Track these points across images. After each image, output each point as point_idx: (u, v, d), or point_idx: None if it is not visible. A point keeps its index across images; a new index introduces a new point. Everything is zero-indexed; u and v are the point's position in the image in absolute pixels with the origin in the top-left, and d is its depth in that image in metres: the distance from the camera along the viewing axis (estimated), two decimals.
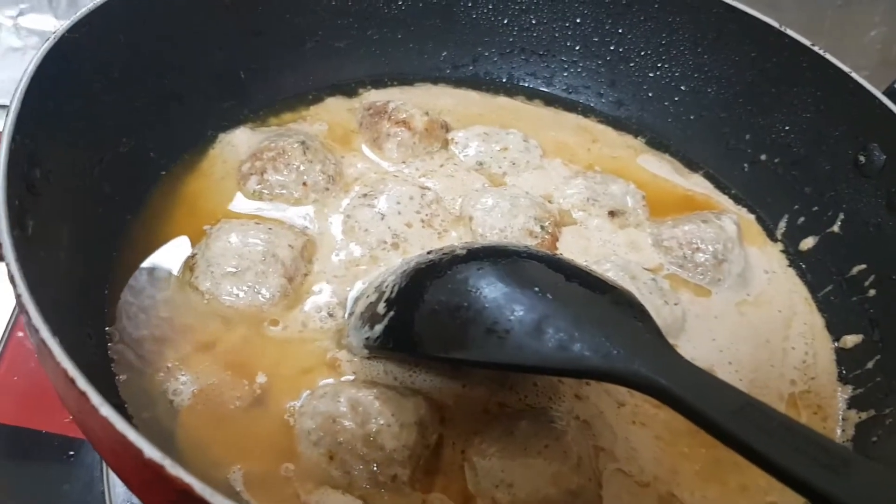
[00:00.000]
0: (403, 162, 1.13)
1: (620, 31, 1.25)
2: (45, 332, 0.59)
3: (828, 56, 1.07)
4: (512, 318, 0.74)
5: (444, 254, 0.86)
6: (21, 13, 1.64)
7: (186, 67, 1.05)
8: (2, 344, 1.15)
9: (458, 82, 1.30)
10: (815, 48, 1.08)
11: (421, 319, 0.80)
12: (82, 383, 0.56)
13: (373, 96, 1.24)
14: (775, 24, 1.12)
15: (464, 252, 0.84)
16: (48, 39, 0.83)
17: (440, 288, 0.81)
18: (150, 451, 0.53)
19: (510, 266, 0.81)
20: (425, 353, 0.79)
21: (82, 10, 0.87)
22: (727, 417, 0.63)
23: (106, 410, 0.55)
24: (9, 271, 0.63)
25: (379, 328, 0.83)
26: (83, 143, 0.89)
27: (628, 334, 0.73)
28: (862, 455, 0.89)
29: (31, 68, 0.80)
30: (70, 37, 0.85)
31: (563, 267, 0.83)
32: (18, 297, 0.61)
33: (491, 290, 0.77)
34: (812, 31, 1.13)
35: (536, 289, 0.76)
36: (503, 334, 0.73)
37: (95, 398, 0.56)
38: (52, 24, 1.65)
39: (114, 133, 0.96)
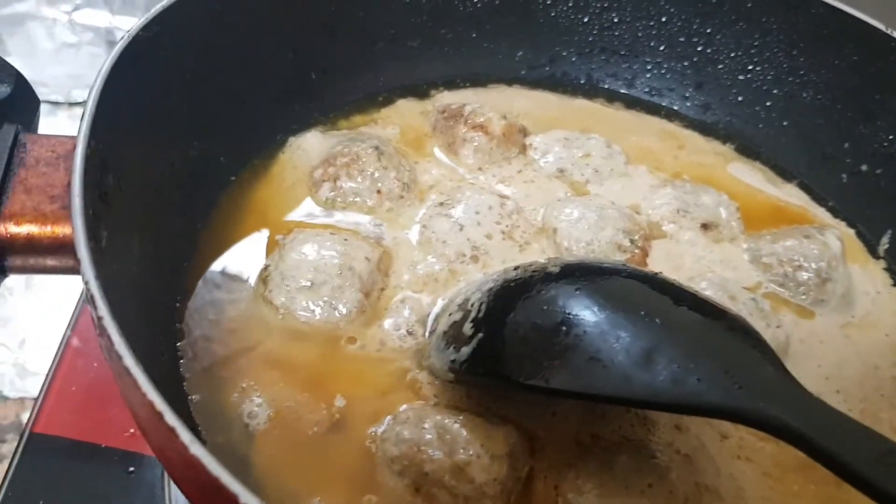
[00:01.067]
0: (480, 168, 1.07)
1: (709, 30, 1.18)
2: (129, 360, 0.55)
3: None
4: (617, 345, 0.68)
5: (533, 271, 0.80)
6: (76, 8, 1.62)
7: (258, 68, 1.01)
8: (59, 353, 1.12)
9: (534, 83, 1.24)
10: None
11: (513, 343, 0.74)
12: (170, 418, 0.52)
13: (446, 98, 1.18)
14: (881, 26, 1.04)
15: (556, 269, 0.78)
16: (122, 38, 0.79)
17: (533, 309, 0.75)
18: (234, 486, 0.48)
19: (610, 286, 0.75)
20: (520, 382, 0.73)
21: (156, 8, 0.83)
22: (868, 465, 0.57)
23: (196, 449, 0.50)
24: (87, 290, 0.59)
25: (466, 351, 0.77)
26: (155, 147, 0.85)
27: (749, 367, 0.66)
28: None
29: (106, 68, 0.75)
30: (144, 35, 0.81)
31: (669, 288, 0.76)
32: (100, 319, 0.57)
33: (591, 313, 0.71)
34: None
35: (643, 312, 0.70)
36: (608, 363, 0.67)
37: (184, 435, 0.51)
38: (107, 20, 1.63)
39: (185, 136, 0.92)
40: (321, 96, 1.11)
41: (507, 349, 0.74)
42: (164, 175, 0.87)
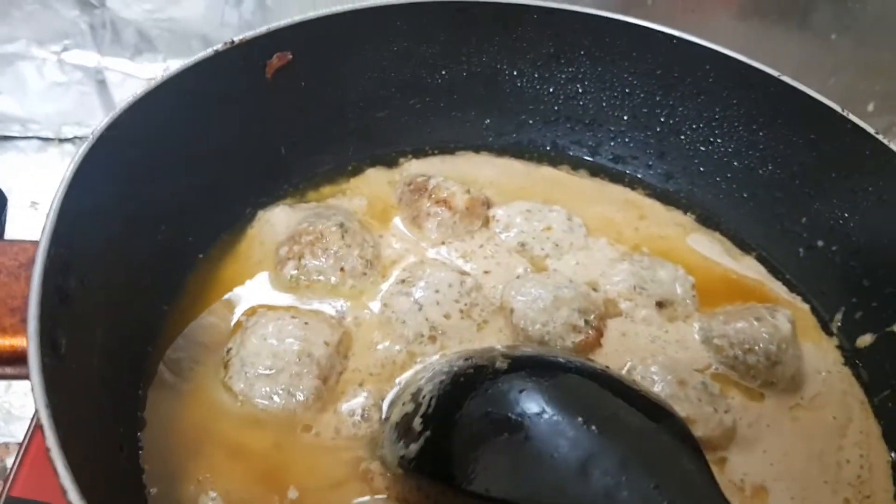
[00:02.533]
0: (443, 242, 1.10)
1: (671, 102, 1.21)
2: (74, 496, 0.57)
3: (893, 146, 1.01)
4: (556, 454, 0.71)
5: (484, 364, 0.83)
6: (65, 48, 1.65)
7: (227, 149, 1.04)
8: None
9: (501, 150, 1.27)
10: (880, 137, 1.02)
11: (458, 445, 0.77)
12: None
13: (414, 167, 1.21)
14: (837, 107, 1.06)
15: (505, 365, 0.81)
16: (86, 141, 0.81)
17: (479, 409, 0.78)
18: None
19: (555, 387, 0.77)
20: (461, 488, 0.76)
21: (120, 106, 0.86)
22: None
23: None
24: (37, 416, 0.61)
25: (414, 448, 0.80)
26: (121, 239, 0.88)
27: (681, 482, 0.69)
28: None
29: (69, 174, 0.78)
30: (108, 135, 0.84)
31: (614, 386, 0.79)
32: (48, 450, 0.60)
33: (533, 417, 0.74)
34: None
35: (581, 419, 0.72)
36: (545, 473, 0.70)
37: None
38: (96, 60, 1.66)
39: (153, 222, 0.95)
40: (290, 169, 1.13)
41: (453, 451, 0.77)
42: (130, 264, 0.90)
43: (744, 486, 0.90)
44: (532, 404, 0.75)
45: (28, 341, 0.65)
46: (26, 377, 0.69)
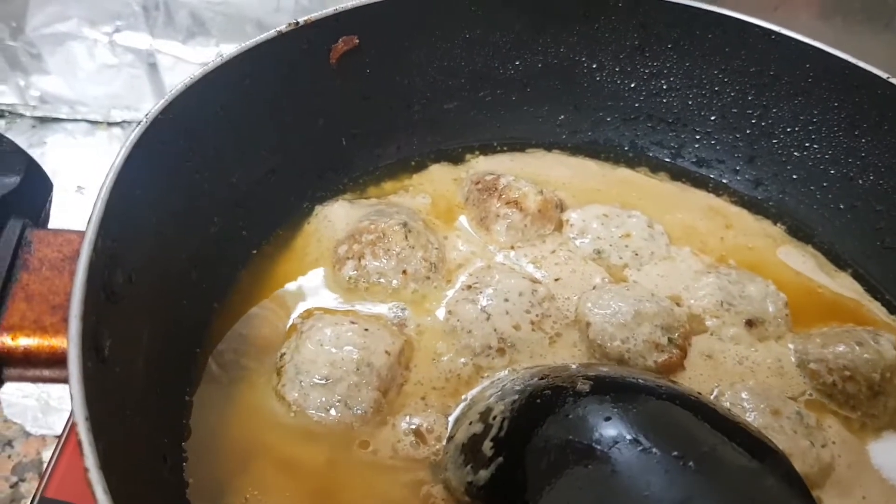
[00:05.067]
0: (512, 247, 1.02)
1: (765, 103, 1.11)
2: None
3: None
4: (648, 493, 0.62)
5: (562, 385, 0.75)
6: (117, 30, 1.61)
7: (286, 139, 0.97)
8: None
9: (576, 149, 1.19)
10: None
11: (534, 474, 0.69)
12: None
13: (481, 164, 1.13)
14: None
15: (587, 387, 0.73)
16: (139, 125, 0.75)
17: (558, 435, 0.70)
18: None
19: (645, 415, 0.69)
20: None
21: (176, 89, 0.79)
22: None
23: None
24: (76, 431, 0.55)
25: (484, 475, 0.72)
26: (172, 232, 0.82)
27: None
28: None
29: (119, 160, 0.71)
30: (162, 119, 0.77)
31: (710, 416, 0.70)
32: (86, 470, 0.53)
33: (622, 448, 0.65)
34: None
35: (677, 453, 0.64)
36: None
37: None
38: (148, 42, 1.61)
39: (206, 214, 0.89)
40: (351, 162, 1.07)
41: (528, 481, 0.69)
42: (180, 259, 0.84)
43: None
44: (619, 434, 0.67)
45: (69, 343, 0.59)
46: (65, 381, 0.63)
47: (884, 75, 1.01)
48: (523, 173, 1.09)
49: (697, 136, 1.17)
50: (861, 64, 1.02)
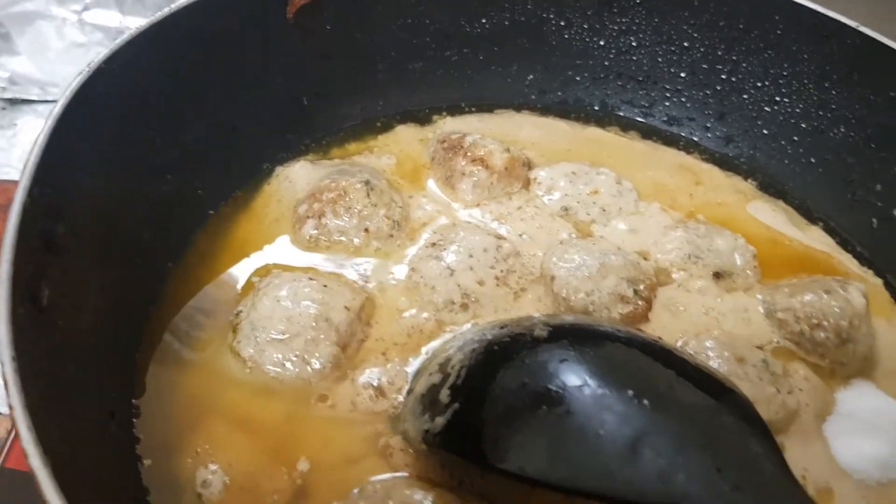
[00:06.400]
0: (478, 204, 1.00)
1: (735, 58, 1.10)
2: (37, 461, 0.49)
3: None
4: (602, 431, 0.61)
5: (521, 332, 0.73)
6: (86, 8, 1.58)
7: (243, 95, 0.95)
8: None
9: (545, 110, 1.17)
10: None
11: (490, 419, 0.67)
12: None
13: (448, 125, 1.12)
14: None
15: (544, 333, 0.71)
16: (80, 73, 0.73)
17: (515, 379, 0.68)
18: None
19: (601, 357, 0.68)
20: (491, 465, 0.66)
21: (122, 38, 0.78)
22: None
23: None
24: (4, 379, 0.53)
25: (440, 421, 0.71)
26: (119, 187, 0.80)
27: (748, 466, 0.59)
28: None
29: (58, 108, 0.70)
30: (106, 68, 0.75)
31: (666, 357, 0.69)
32: (11, 409, 0.51)
33: (577, 390, 0.64)
34: None
35: (631, 392, 0.63)
36: (588, 452, 0.61)
37: None
38: (117, 20, 1.58)
39: (158, 170, 0.87)
40: (313, 122, 1.05)
41: (484, 426, 0.67)
42: (131, 213, 0.82)
43: (806, 485, 0.79)
44: (575, 376, 0.65)
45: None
46: None
47: (853, 24, 0.99)
48: (491, 133, 1.07)
49: (667, 94, 1.15)
50: (831, 13, 1.01)
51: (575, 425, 0.62)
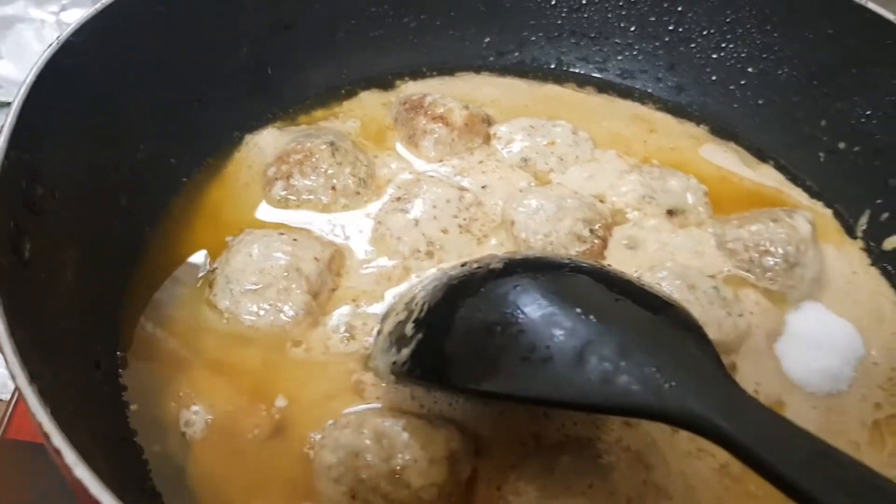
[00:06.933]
0: (441, 160, 1.05)
1: (680, 8, 1.14)
2: (23, 382, 0.54)
3: None
4: (551, 344, 0.65)
5: (478, 267, 0.78)
6: (63, 9, 1.62)
7: (209, 65, 0.99)
8: None
9: (503, 70, 1.21)
10: None
11: (451, 344, 0.72)
12: (57, 440, 0.51)
13: (410, 89, 1.16)
14: None
15: (500, 265, 0.76)
16: (50, 45, 0.77)
17: (473, 308, 0.73)
18: None
19: (551, 282, 0.72)
20: (453, 385, 0.71)
21: (89, 11, 0.82)
22: (794, 469, 0.54)
23: (80, 472, 0.49)
24: None
25: (406, 352, 0.75)
26: (95, 152, 0.84)
27: (684, 365, 0.64)
28: None
29: (32, 75, 0.74)
30: (75, 41, 0.79)
31: (612, 281, 0.74)
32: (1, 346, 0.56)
33: (528, 311, 0.69)
34: None
35: (579, 310, 0.67)
36: (539, 364, 0.65)
37: (69, 457, 0.50)
38: None
39: (131, 139, 0.91)
40: (280, 91, 1.09)
41: (445, 351, 0.72)
42: (107, 180, 0.86)
43: (758, 398, 0.84)
44: (526, 299, 0.70)
45: None
46: None
47: None
48: (452, 94, 1.11)
49: (619, 49, 1.20)
50: None
51: (526, 342, 0.67)
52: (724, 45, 1.13)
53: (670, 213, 1.00)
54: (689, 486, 0.76)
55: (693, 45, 1.16)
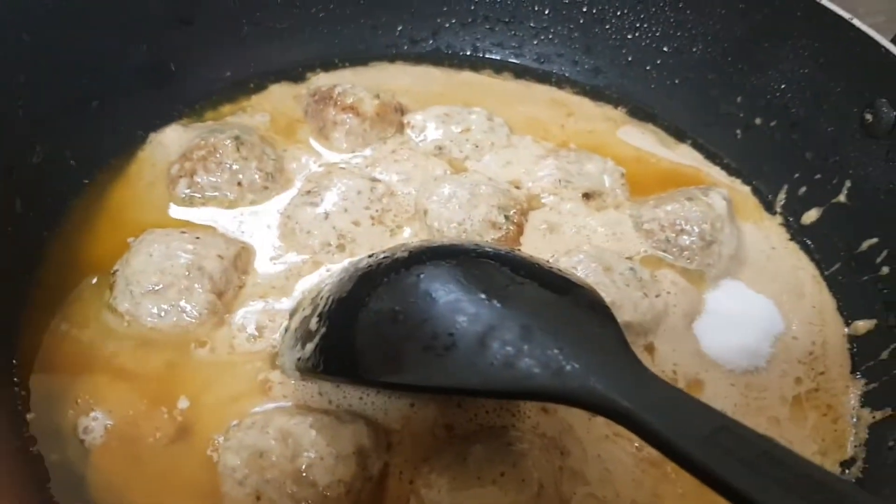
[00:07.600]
0: (353, 152, 1.02)
1: None
2: None
3: (824, 1, 0.94)
4: (454, 331, 0.64)
5: (385, 256, 0.75)
6: None
7: (106, 63, 0.95)
8: None
9: (418, 59, 1.19)
10: None
11: (356, 336, 0.70)
12: None
13: (322, 80, 1.13)
14: None
15: (405, 254, 0.73)
16: None
17: (377, 298, 0.71)
18: None
19: (455, 268, 0.70)
20: (355, 378, 0.69)
21: None
22: (696, 444, 0.53)
23: None
24: None
25: (310, 347, 0.73)
26: None
27: (587, 346, 0.62)
28: (877, 463, 0.78)
29: None
30: None
31: (517, 263, 0.72)
32: None
33: (431, 298, 0.66)
34: None
35: (483, 295, 0.65)
36: (442, 351, 0.63)
37: None
38: None
39: (24, 142, 0.86)
40: (184, 88, 1.05)
41: (350, 343, 0.70)
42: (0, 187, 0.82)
43: (676, 378, 0.84)
44: (431, 286, 0.68)
45: None
46: None
47: None
48: (365, 84, 1.09)
49: (535, 33, 1.18)
50: None
51: (430, 330, 0.65)
52: (638, 24, 1.13)
53: (587, 196, 0.98)
54: (605, 469, 0.75)
55: (608, 26, 1.14)
